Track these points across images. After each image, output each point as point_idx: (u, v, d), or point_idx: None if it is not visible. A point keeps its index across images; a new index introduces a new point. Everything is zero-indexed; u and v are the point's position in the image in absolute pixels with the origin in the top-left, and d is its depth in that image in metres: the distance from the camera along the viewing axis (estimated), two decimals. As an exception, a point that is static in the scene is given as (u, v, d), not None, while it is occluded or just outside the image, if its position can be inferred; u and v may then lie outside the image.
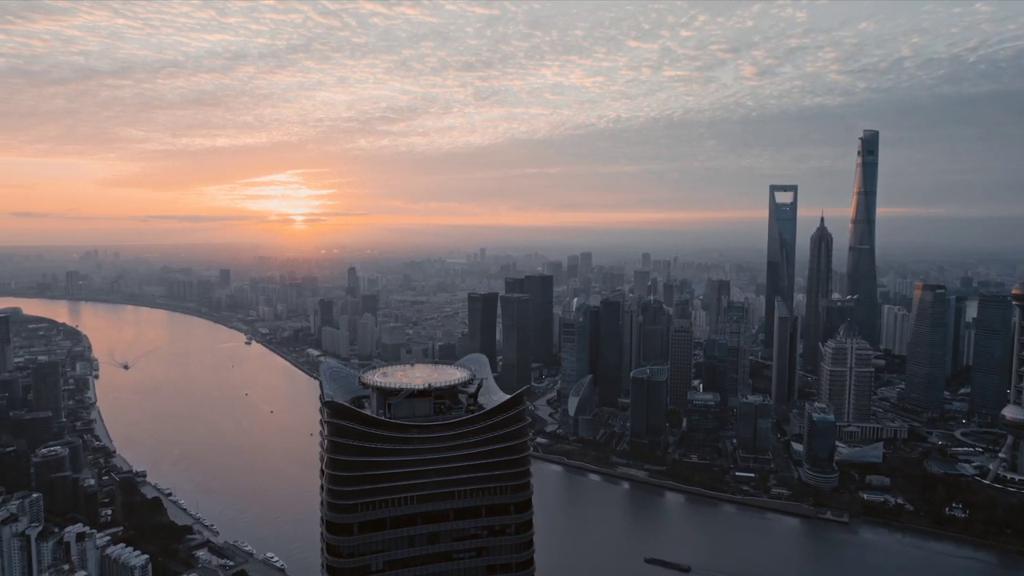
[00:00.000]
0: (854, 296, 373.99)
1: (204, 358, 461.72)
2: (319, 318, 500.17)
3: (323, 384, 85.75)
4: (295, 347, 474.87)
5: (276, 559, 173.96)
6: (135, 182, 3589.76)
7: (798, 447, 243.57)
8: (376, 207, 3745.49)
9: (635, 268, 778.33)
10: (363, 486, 73.47)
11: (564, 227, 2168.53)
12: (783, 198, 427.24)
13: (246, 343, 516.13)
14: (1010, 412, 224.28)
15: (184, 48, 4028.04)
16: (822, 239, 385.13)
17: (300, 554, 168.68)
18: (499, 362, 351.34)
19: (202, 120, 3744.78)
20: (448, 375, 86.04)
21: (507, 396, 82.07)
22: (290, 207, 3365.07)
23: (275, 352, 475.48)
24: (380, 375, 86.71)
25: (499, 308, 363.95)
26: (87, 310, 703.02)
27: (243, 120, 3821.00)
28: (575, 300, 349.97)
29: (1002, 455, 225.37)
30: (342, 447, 73.99)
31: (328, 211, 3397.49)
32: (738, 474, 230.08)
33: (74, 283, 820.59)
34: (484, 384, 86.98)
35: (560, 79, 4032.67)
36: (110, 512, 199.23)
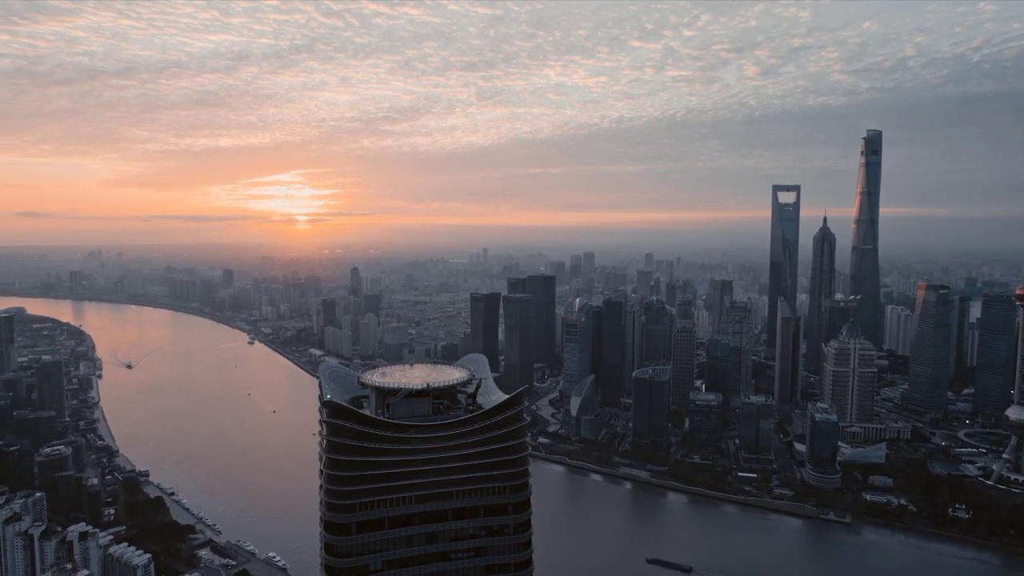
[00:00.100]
0: (857, 296, 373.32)
1: (207, 358, 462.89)
2: (322, 318, 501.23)
3: (322, 384, 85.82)
4: (298, 347, 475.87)
5: (278, 559, 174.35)
6: (139, 182, 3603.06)
7: (801, 448, 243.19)
8: (379, 207, 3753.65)
9: (638, 268, 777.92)
10: (361, 486, 73.51)
11: (567, 227, 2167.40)
12: (786, 198, 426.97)
13: (249, 343, 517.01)
14: (1014, 413, 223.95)
15: (188, 48, 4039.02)
16: (825, 239, 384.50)
17: (302, 554, 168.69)
18: (501, 362, 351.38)
19: (206, 120, 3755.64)
20: (447, 375, 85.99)
21: (506, 396, 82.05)
22: (293, 207, 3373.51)
23: (278, 352, 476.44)
24: (379, 375, 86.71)
25: (501, 308, 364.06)
26: (91, 310, 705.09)
27: (246, 120, 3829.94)
28: (577, 300, 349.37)
29: (1006, 456, 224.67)
30: (340, 447, 74.12)
31: (331, 211, 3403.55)
32: (740, 475, 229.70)
33: (78, 283, 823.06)
34: (483, 384, 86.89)
35: (563, 79, 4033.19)
36: (113, 511, 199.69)
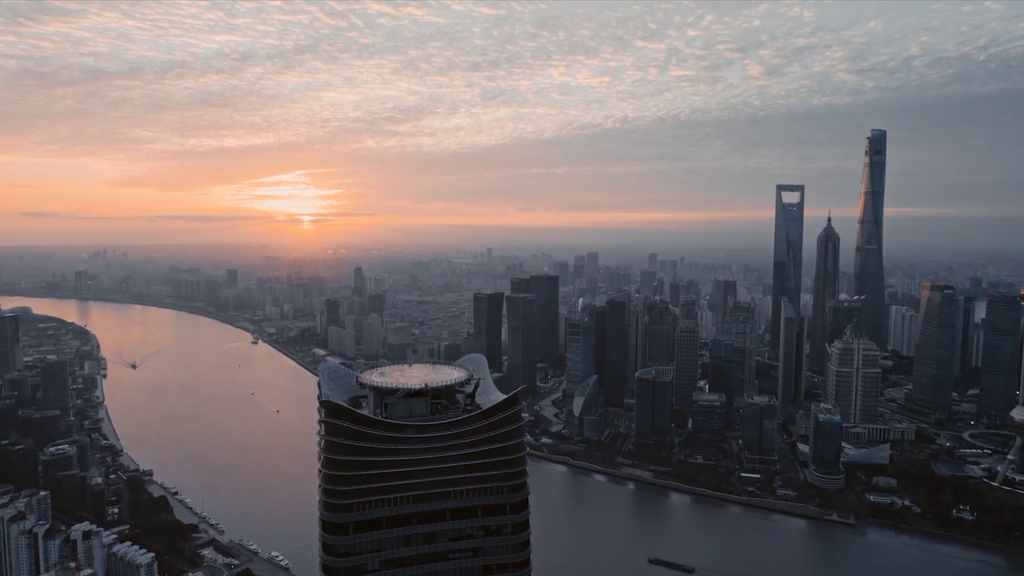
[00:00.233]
0: (861, 296, 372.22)
1: (211, 358, 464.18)
2: (325, 318, 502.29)
3: (321, 384, 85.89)
4: (302, 347, 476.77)
5: (281, 558, 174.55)
6: (143, 182, 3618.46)
7: (804, 448, 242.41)
8: (383, 207, 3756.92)
9: (642, 268, 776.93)
10: (359, 485, 73.63)
11: (571, 227, 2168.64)
12: (790, 198, 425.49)
13: (253, 343, 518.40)
14: (1019, 414, 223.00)
15: (192, 49, 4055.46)
16: (829, 239, 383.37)
17: (305, 553, 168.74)
18: (505, 362, 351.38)
19: (210, 121, 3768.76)
20: (445, 375, 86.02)
21: (504, 396, 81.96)
22: (297, 207, 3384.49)
23: (281, 352, 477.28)
24: (377, 375, 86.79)
25: (505, 308, 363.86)
26: (96, 310, 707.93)
27: (251, 120, 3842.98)
28: (581, 300, 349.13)
29: (1011, 457, 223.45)
30: (338, 447, 74.24)
31: (335, 211, 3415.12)
32: (743, 475, 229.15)
33: (83, 283, 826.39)
34: (482, 384, 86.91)
35: (567, 79, 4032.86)
36: (117, 510, 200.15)
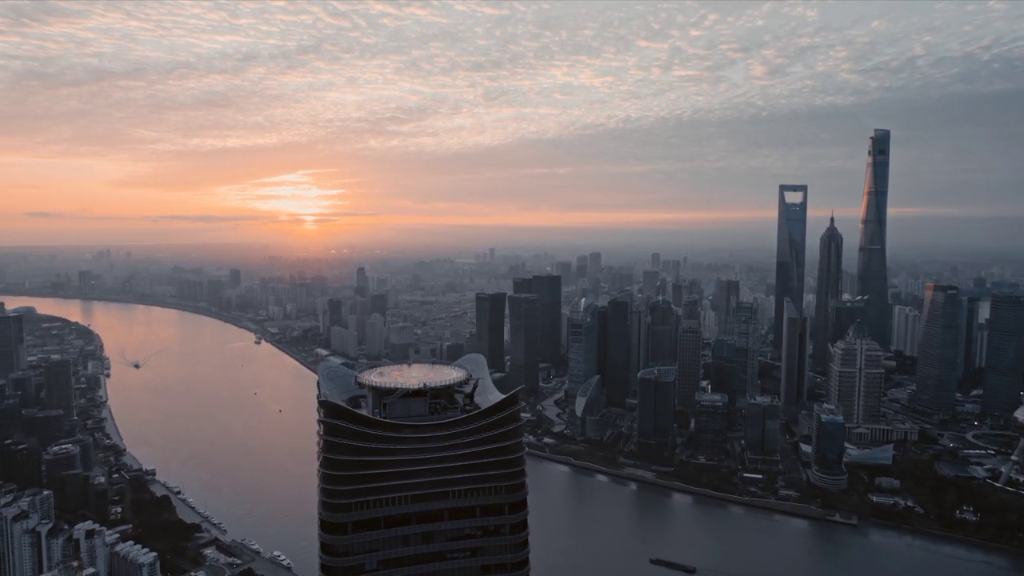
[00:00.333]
0: (864, 297, 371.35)
1: (214, 357, 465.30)
2: (328, 318, 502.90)
3: (320, 384, 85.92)
4: (304, 347, 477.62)
5: (283, 557, 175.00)
6: (147, 182, 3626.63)
7: (807, 448, 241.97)
8: (386, 207, 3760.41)
9: (644, 268, 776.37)
10: (357, 485, 73.70)
11: (573, 227, 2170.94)
12: (793, 198, 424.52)
13: (256, 343, 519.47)
14: (1023, 414, 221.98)
15: (195, 49, 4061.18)
16: (832, 239, 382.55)
17: (307, 553, 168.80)
18: (507, 362, 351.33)
19: (213, 121, 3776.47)
20: (444, 375, 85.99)
21: (502, 396, 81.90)
22: (300, 207, 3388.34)
23: (284, 352, 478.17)
24: (376, 375, 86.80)
25: (507, 308, 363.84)
26: (99, 309, 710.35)
27: (254, 121, 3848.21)
28: (583, 300, 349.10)
29: (1014, 458, 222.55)
30: (336, 446, 74.33)
31: (338, 211, 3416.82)
32: (746, 475, 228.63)
33: (87, 283, 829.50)
34: (481, 384, 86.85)
35: (570, 79, 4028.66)
36: (119, 510, 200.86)
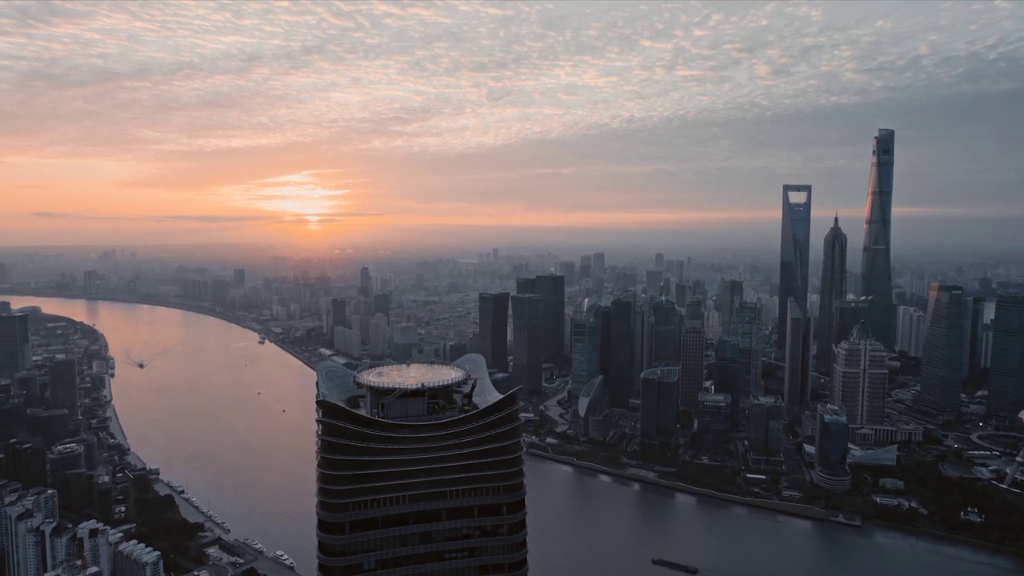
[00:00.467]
0: (868, 297, 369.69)
1: (218, 357, 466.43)
2: (332, 318, 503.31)
3: (319, 383, 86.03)
4: (308, 347, 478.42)
5: (286, 557, 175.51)
6: (152, 183, 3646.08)
7: (810, 449, 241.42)
8: (389, 207, 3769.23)
9: (648, 268, 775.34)
10: (355, 485, 73.73)
11: (577, 227, 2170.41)
12: (797, 198, 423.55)
13: (259, 342, 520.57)
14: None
15: (200, 50, 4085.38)
16: (836, 239, 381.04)
17: (309, 552, 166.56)
18: (510, 362, 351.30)
19: (217, 121, 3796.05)
20: (442, 375, 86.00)
21: (501, 396, 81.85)
22: (304, 207, 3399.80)
23: (288, 351, 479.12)
24: (375, 375, 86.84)
25: (510, 308, 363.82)
26: (104, 309, 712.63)
27: (258, 121, 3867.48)
28: (586, 300, 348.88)
29: (1019, 459, 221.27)
30: (334, 446, 74.37)
31: (342, 211, 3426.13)
32: (749, 476, 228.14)
33: (92, 283, 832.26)
34: (479, 384, 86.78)
35: (573, 79, 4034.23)
36: (123, 509, 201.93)
